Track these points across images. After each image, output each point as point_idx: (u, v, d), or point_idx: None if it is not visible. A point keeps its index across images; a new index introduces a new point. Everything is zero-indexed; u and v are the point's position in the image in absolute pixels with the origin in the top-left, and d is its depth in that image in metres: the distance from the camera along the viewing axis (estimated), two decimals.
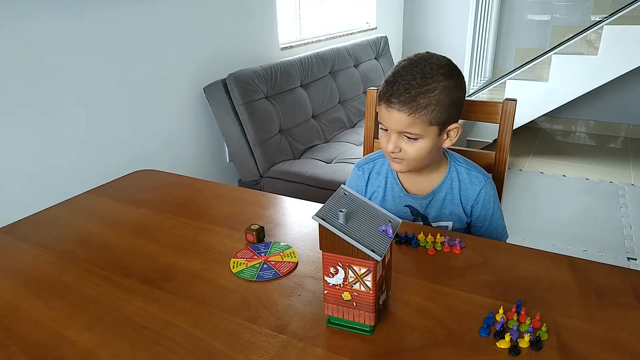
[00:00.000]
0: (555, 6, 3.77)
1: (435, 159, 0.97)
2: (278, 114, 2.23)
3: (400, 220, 0.66)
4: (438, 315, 0.67)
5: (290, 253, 0.83)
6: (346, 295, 0.63)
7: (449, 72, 0.89)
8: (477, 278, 0.75)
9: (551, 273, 0.76)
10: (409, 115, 0.86)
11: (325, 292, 0.64)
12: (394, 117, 0.88)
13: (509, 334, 0.61)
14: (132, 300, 0.72)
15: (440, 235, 0.84)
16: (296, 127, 2.35)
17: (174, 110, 2.05)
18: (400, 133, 0.90)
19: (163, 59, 1.95)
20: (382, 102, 0.89)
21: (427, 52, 0.92)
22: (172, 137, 2.06)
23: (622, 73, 3.07)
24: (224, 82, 2.07)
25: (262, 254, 0.83)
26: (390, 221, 0.65)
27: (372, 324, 0.63)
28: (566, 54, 3.22)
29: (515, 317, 0.64)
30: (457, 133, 0.93)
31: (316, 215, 0.60)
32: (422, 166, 0.96)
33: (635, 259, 2.17)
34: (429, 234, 0.85)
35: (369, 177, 1.06)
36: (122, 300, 0.73)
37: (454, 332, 0.63)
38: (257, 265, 0.80)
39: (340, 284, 0.63)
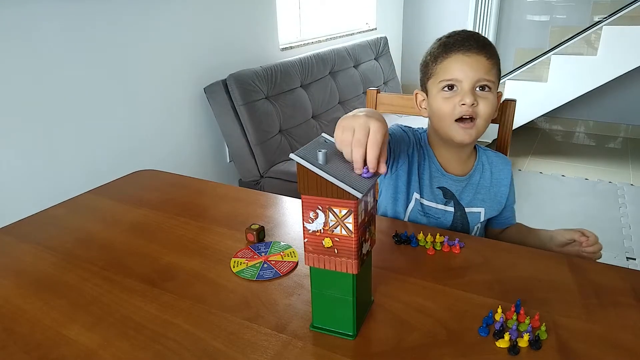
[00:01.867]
0: (555, 6, 3.77)
1: None
2: (278, 114, 2.23)
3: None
4: (438, 315, 0.67)
5: (291, 253, 0.84)
6: (327, 242, 0.59)
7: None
8: (477, 278, 0.75)
9: (551, 273, 0.76)
10: (488, 59, 0.87)
11: (305, 240, 0.60)
12: (474, 62, 0.86)
13: (508, 333, 0.61)
14: (132, 300, 0.72)
15: (440, 235, 0.84)
16: (296, 127, 2.35)
17: (174, 111, 2.05)
18: (473, 86, 0.86)
19: (163, 59, 1.95)
20: (452, 53, 0.87)
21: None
22: (172, 137, 2.06)
23: (622, 73, 3.07)
24: (224, 82, 2.07)
25: (263, 254, 0.83)
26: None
27: (355, 272, 0.59)
28: (565, 54, 3.23)
29: (514, 317, 0.64)
30: (500, 100, 0.96)
31: (294, 154, 0.56)
32: (481, 134, 0.92)
33: (635, 259, 2.17)
34: (429, 233, 0.85)
35: (413, 142, 0.98)
36: (122, 300, 0.73)
37: (454, 332, 0.64)
38: (258, 264, 0.80)
39: (320, 230, 0.59)
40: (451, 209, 0.98)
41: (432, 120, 0.95)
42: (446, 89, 0.88)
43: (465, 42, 0.87)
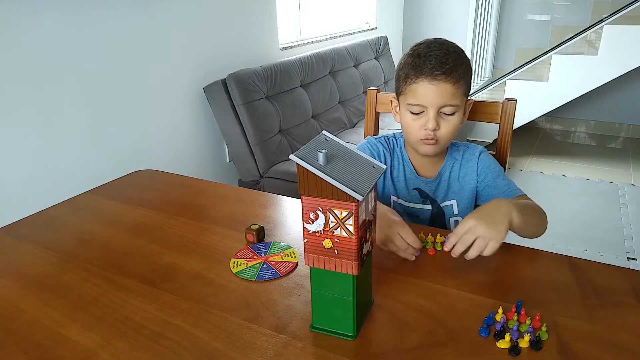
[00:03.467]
0: (555, 6, 3.77)
1: None
2: (278, 114, 2.23)
3: (385, 166, 0.64)
4: (438, 315, 0.67)
5: (290, 253, 0.83)
6: (327, 243, 0.59)
7: (463, 51, 0.96)
8: (477, 278, 0.75)
9: (551, 273, 0.76)
10: (453, 84, 0.89)
11: (305, 240, 0.60)
12: (439, 90, 0.89)
13: (509, 334, 0.61)
14: (132, 300, 0.72)
15: (440, 235, 0.84)
16: (296, 127, 2.35)
17: (174, 110, 2.05)
18: (438, 110, 0.91)
19: (163, 59, 1.95)
20: (420, 79, 0.90)
21: (435, 38, 0.96)
22: (172, 137, 2.06)
23: (622, 73, 3.06)
24: (224, 82, 2.07)
25: (262, 254, 0.83)
26: (374, 167, 0.61)
27: (355, 272, 0.59)
28: (566, 54, 3.22)
29: (515, 317, 0.64)
30: (470, 107, 1.00)
31: (295, 155, 0.56)
32: (445, 147, 0.98)
33: (635, 259, 2.17)
34: (429, 234, 0.85)
35: (384, 152, 1.05)
36: (122, 300, 0.73)
37: (454, 332, 0.63)
38: (257, 265, 0.80)
39: (320, 231, 0.59)
40: (428, 206, 1.05)
41: (402, 129, 1.01)
42: (413, 110, 0.93)
43: (433, 68, 0.89)
